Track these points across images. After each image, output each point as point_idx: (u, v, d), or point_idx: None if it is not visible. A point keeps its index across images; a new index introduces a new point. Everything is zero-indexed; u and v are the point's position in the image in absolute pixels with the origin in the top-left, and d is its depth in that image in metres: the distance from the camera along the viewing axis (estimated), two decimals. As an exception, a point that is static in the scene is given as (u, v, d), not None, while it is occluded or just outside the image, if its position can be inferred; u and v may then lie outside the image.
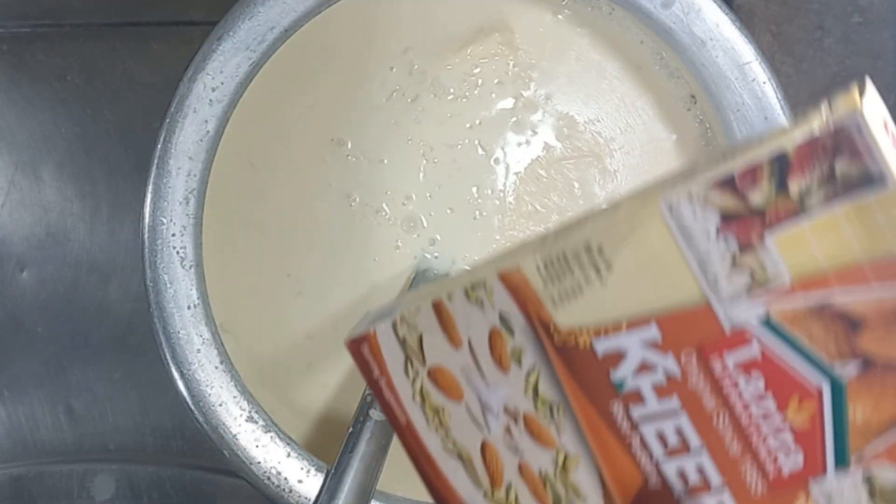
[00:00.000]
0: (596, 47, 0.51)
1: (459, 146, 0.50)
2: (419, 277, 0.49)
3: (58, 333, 0.61)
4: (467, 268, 0.50)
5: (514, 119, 0.50)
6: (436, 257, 0.50)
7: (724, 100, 0.46)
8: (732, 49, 0.46)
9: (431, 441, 0.30)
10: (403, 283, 0.50)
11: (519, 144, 0.50)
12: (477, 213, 0.50)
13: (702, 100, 0.49)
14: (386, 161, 0.50)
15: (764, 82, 0.46)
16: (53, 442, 0.61)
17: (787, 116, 0.46)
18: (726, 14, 0.46)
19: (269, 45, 0.45)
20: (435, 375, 0.29)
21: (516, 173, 0.50)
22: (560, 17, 0.51)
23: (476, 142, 0.50)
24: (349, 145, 0.50)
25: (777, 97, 0.46)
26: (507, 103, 0.50)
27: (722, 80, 0.46)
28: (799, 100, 0.57)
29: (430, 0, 0.50)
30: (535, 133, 0.50)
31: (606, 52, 0.51)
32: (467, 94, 0.50)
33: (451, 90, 0.50)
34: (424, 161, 0.50)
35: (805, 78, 0.57)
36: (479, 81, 0.50)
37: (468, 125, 0.50)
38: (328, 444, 0.49)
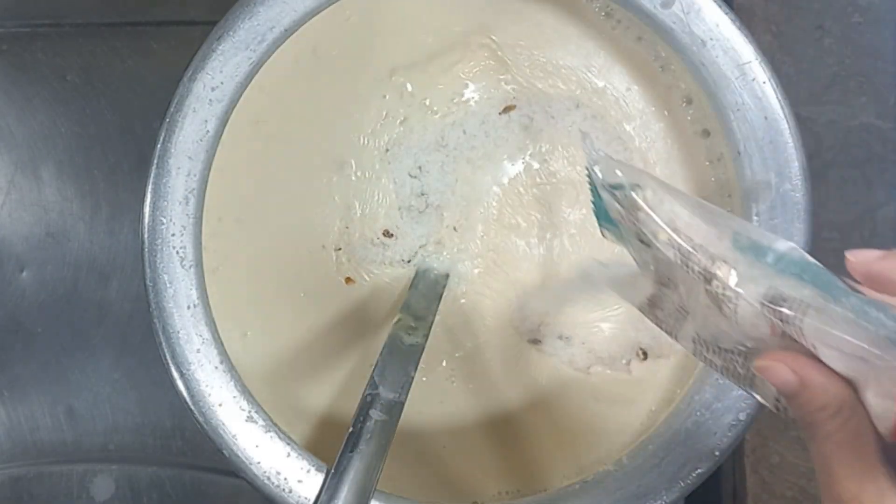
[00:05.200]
0: (590, 56, 0.51)
1: (449, 160, 0.50)
2: (419, 277, 0.50)
3: (58, 333, 0.61)
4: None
5: (501, 133, 0.51)
6: (435, 257, 0.50)
7: (724, 99, 0.46)
8: (732, 49, 0.46)
9: None
10: (404, 284, 0.50)
11: (508, 160, 0.51)
12: (464, 220, 0.51)
13: (703, 103, 0.49)
14: (384, 179, 0.50)
15: (764, 82, 0.46)
16: (53, 442, 0.61)
17: (786, 116, 0.46)
18: (726, 14, 0.46)
19: (269, 44, 0.45)
20: None
21: (500, 186, 0.51)
22: (551, 26, 0.51)
23: (465, 157, 0.51)
24: (353, 166, 0.50)
25: (777, 97, 0.46)
26: (495, 119, 0.50)
27: (722, 80, 0.46)
28: (799, 100, 0.57)
29: (415, 15, 0.50)
30: (525, 151, 0.51)
31: (602, 62, 0.51)
32: (456, 111, 0.50)
33: (443, 108, 0.50)
34: (414, 177, 0.51)
35: (805, 78, 0.57)
36: (469, 98, 0.51)
37: (458, 140, 0.50)
38: (328, 444, 0.49)
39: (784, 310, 0.30)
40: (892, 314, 0.29)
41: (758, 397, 0.34)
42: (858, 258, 0.32)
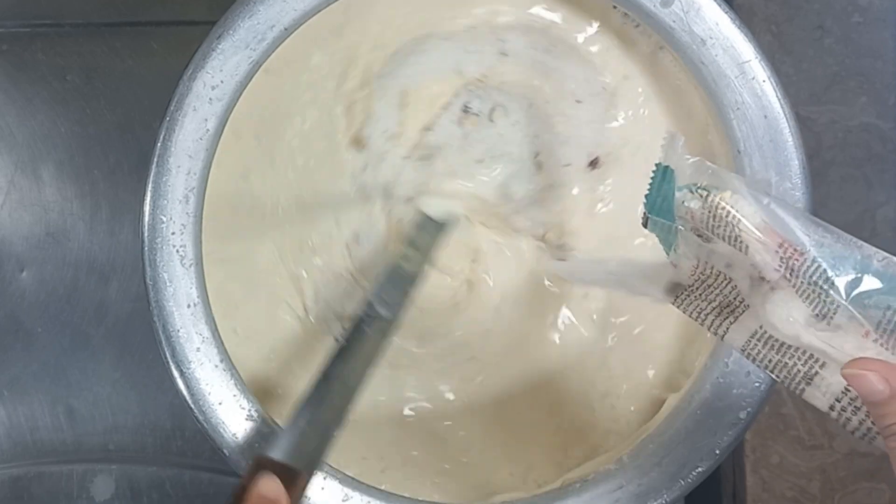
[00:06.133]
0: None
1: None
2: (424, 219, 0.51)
3: (58, 333, 0.61)
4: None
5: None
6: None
7: (724, 98, 0.46)
8: (732, 47, 0.46)
9: None
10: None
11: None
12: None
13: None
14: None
15: (764, 81, 0.46)
16: (53, 442, 0.61)
17: (786, 115, 0.46)
18: (726, 13, 0.46)
19: (269, 43, 0.45)
20: None
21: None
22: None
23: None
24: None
25: (777, 96, 0.46)
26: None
27: (722, 79, 0.46)
28: (799, 99, 0.57)
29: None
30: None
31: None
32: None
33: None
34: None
35: (805, 77, 0.57)
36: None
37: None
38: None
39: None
40: None
41: (808, 398, 0.34)
42: None
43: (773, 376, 0.35)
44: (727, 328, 0.37)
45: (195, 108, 0.45)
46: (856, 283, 0.33)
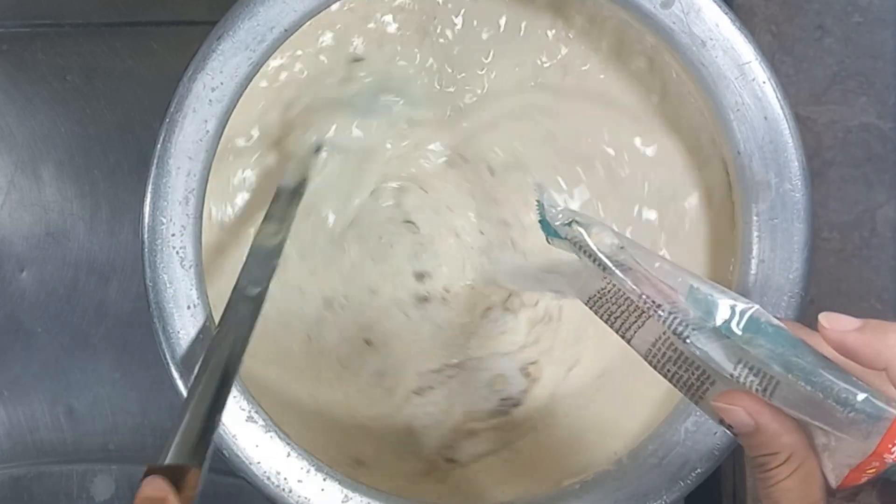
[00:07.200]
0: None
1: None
2: (280, 190, 0.50)
3: (58, 333, 0.61)
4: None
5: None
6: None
7: (724, 99, 0.46)
8: (732, 49, 0.46)
9: None
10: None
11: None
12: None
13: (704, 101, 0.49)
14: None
15: (764, 82, 0.46)
16: (53, 442, 0.61)
17: (786, 116, 0.46)
18: (726, 14, 0.46)
19: (269, 44, 0.45)
20: None
21: None
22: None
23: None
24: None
25: (777, 97, 0.46)
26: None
27: (722, 80, 0.46)
28: (799, 100, 0.57)
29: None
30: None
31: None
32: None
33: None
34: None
35: (805, 78, 0.57)
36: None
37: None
38: (329, 445, 0.49)
39: (753, 380, 0.32)
40: (861, 398, 0.30)
41: (704, 411, 0.35)
42: (833, 325, 0.33)
43: (673, 385, 0.36)
44: (633, 333, 0.37)
45: (195, 109, 0.44)
46: (716, 333, 0.33)
